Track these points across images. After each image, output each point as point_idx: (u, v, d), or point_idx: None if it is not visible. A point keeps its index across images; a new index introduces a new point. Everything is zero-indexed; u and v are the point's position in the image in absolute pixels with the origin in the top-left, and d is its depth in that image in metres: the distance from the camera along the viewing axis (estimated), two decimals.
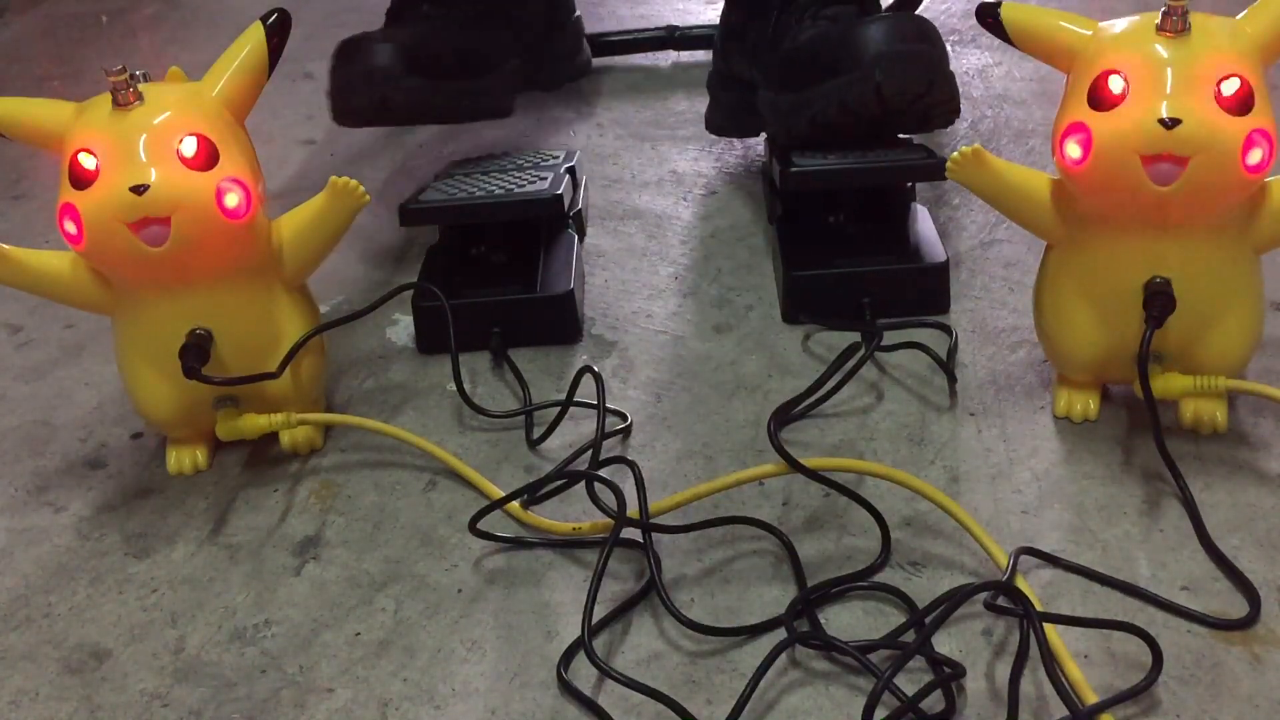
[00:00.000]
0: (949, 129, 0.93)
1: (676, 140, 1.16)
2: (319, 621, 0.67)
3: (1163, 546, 0.67)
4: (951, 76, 0.87)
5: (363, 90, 0.94)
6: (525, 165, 0.97)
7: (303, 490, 0.77)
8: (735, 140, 1.14)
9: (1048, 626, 0.60)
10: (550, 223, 0.93)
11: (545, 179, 0.91)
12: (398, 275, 0.98)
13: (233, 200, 0.69)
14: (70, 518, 0.76)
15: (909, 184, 0.91)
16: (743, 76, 1.02)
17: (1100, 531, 0.68)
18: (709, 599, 0.66)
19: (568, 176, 0.94)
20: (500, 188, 0.90)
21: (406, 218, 0.88)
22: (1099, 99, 0.66)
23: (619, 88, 1.28)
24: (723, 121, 1.07)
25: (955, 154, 0.71)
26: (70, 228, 0.69)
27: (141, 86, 0.70)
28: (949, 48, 1.20)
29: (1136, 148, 0.65)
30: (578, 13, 1.12)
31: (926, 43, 0.86)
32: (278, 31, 0.74)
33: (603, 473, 0.71)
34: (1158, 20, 0.67)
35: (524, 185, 0.90)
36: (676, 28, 1.32)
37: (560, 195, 0.88)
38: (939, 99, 0.86)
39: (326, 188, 0.75)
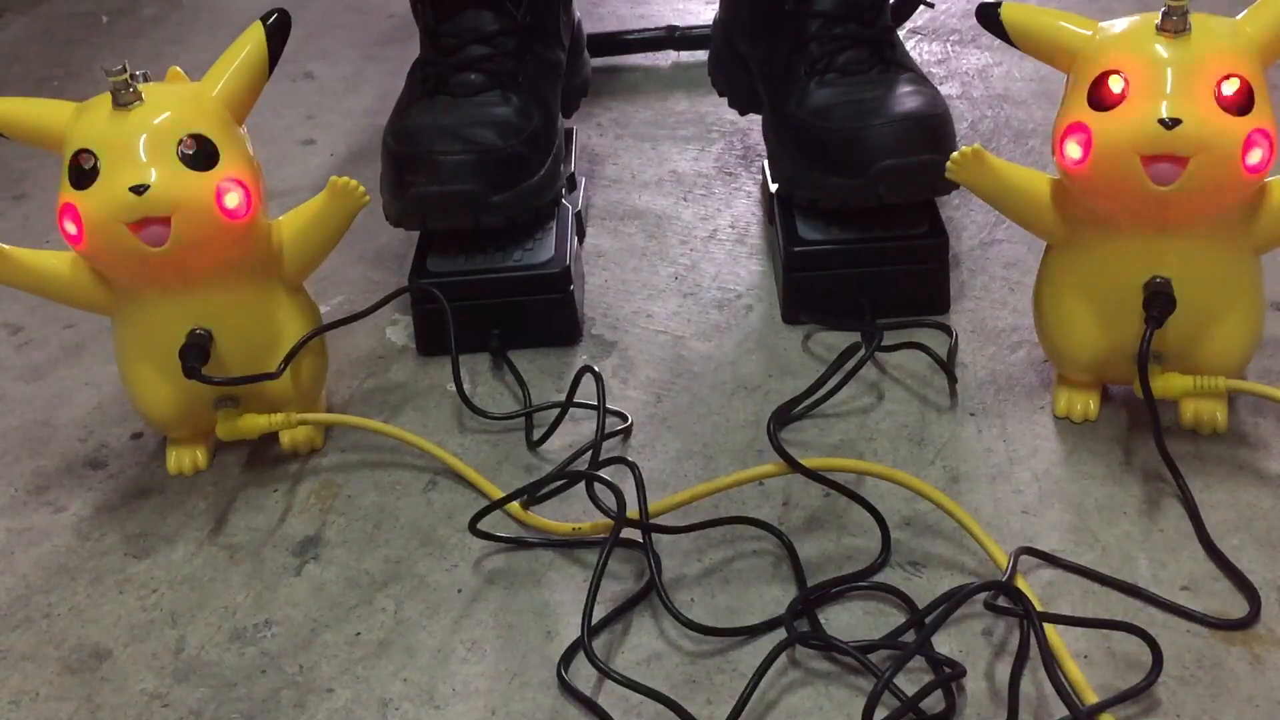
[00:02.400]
0: None
1: (676, 140, 1.16)
2: (319, 621, 0.67)
3: (1163, 546, 0.67)
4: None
5: (455, 213, 0.86)
6: None
7: (303, 490, 0.77)
8: (735, 140, 1.14)
9: (1048, 626, 0.60)
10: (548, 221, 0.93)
11: (549, 231, 0.90)
12: (398, 275, 0.98)
13: (233, 200, 0.69)
14: (70, 518, 0.76)
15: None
16: (741, 53, 1.01)
17: (1100, 531, 0.68)
18: (709, 599, 0.66)
19: (573, 222, 0.93)
20: (507, 253, 0.88)
21: (417, 292, 0.87)
22: (1099, 99, 0.66)
23: (619, 88, 1.27)
24: (722, 85, 1.07)
25: (955, 154, 0.71)
26: (70, 228, 0.69)
27: (141, 86, 0.70)
28: (949, 48, 1.20)
29: (1136, 148, 0.65)
30: (579, 29, 1.11)
31: (933, 150, 0.83)
32: (278, 31, 0.74)
33: (603, 473, 0.71)
34: (1158, 20, 0.66)
35: (529, 248, 0.89)
36: (676, 28, 1.32)
37: (569, 268, 0.87)
38: (942, 193, 0.86)
39: (326, 188, 0.75)
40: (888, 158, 0.83)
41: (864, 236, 0.86)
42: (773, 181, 0.94)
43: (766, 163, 0.98)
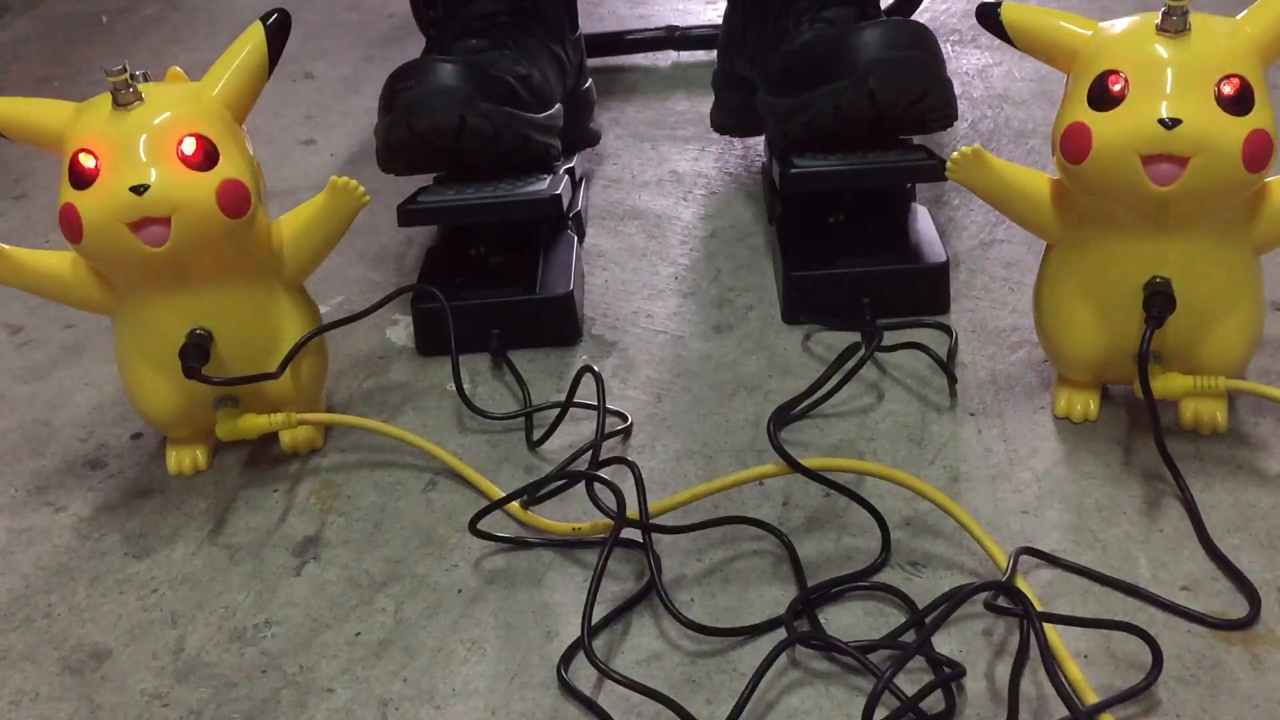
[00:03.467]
0: (949, 129, 0.93)
1: (676, 140, 1.16)
2: (319, 621, 0.67)
3: (1163, 546, 0.67)
4: (947, 82, 0.87)
5: (440, 110, 0.85)
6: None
7: (303, 490, 0.77)
8: (735, 140, 1.14)
9: (1048, 626, 0.60)
10: (549, 223, 0.93)
11: (544, 179, 0.91)
12: (398, 275, 0.98)
13: (232, 200, 0.69)
14: (70, 518, 0.76)
15: (909, 184, 0.91)
16: (744, 76, 1.02)
17: (1100, 531, 0.68)
18: (709, 599, 0.66)
19: (567, 177, 0.93)
20: (499, 188, 0.89)
21: (405, 218, 0.88)
22: (1099, 99, 0.66)
23: (619, 88, 1.28)
24: (726, 120, 1.08)
25: (955, 154, 0.71)
26: (70, 228, 0.69)
27: (141, 86, 0.70)
28: (949, 48, 1.20)
29: (1136, 148, 0.65)
30: (589, 83, 1.11)
31: (921, 49, 0.86)
32: (278, 31, 0.74)
33: (603, 473, 0.71)
34: (1158, 20, 0.67)
35: (523, 185, 0.89)
36: (676, 28, 1.32)
37: (559, 195, 0.87)
38: (933, 105, 0.86)
39: (326, 188, 0.75)
40: (876, 51, 0.85)
41: (860, 162, 0.86)
42: (769, 153, 0.94)
43: (765, 157, 0.98)
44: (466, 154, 0.89)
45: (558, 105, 0.97)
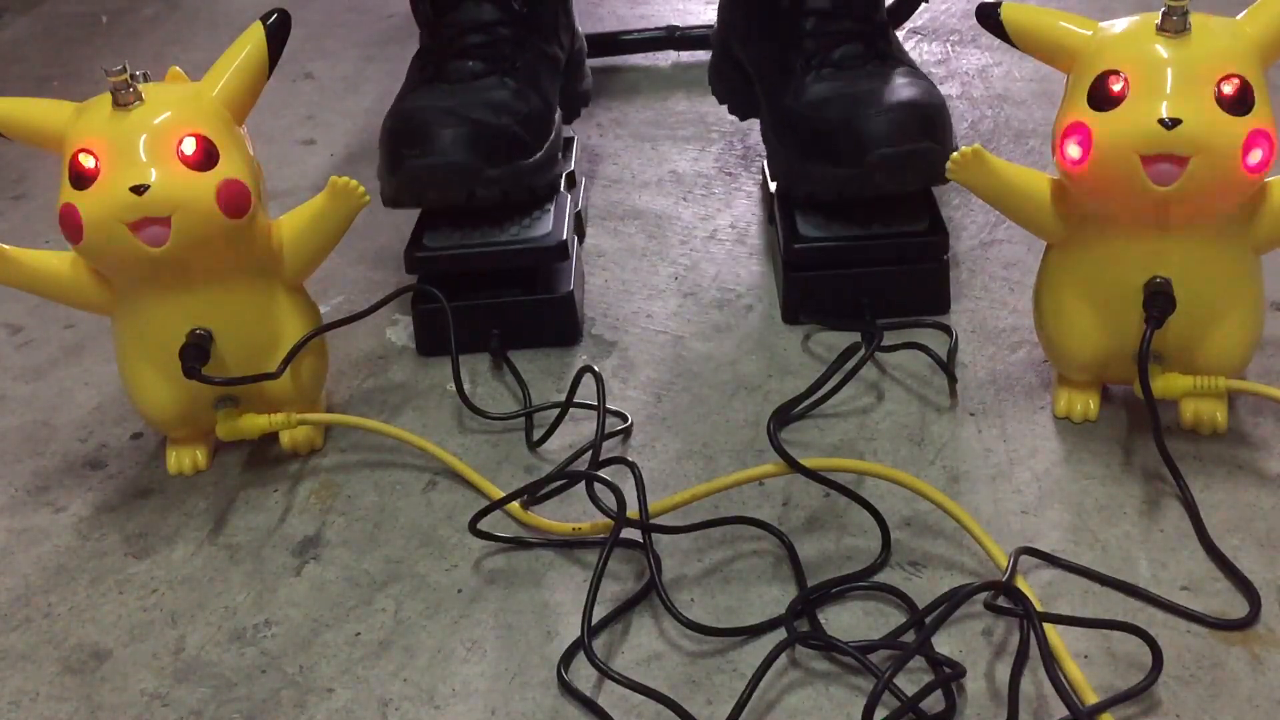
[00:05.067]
0: None
1: (676, 140, 1.16)
2: (319, 621, 0.67)
3: (1163, 546, 0.67)
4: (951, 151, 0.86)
5: (449, 186, 0.86)
6: None
7: (303, 490, 0.77)
8: (735, 140, 1.14)
9: (1048, 626, 0.60)
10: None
11: (548, 215, 0.90)
12: (398, 275, 0.98)
13: (233, 200, 0.69)
14: (70, 518, 0.76)
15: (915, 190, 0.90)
16: (739, 60, 1.01)
17: (1100, 531, 0.68)
18: (709, 599, 0.66)
19: (569, 202, 0.93)
20: (505, 230, 0.88)
21: (412, 265, 0.87)
22: (1099, 99, 0.66)
23: (619, 88, 1.28)
24: (722, 93, 1.07)
25: (955, 154, 0.71)
26: (70, 228, 0.69)
27: (141, 86, 0.70)
28: (948, 48, 1.20)
29: (1136, 148, 0.65)
30: (582, 42, 1.11)
31: (929, 137, 0.83)
32: (278, 32, 0.74)
33: (603, 473, 0.71)
34: (1158, 20, 0.67)
35: (528, 227, 0.89)
36: (676, 28, 1.32)
37: (565, 242, 0.87)
38: (938, 183, 0.86)
39: (326, 188, 0.75)
40: (883, 146, 0.83)
41: (864, 234, 0.86)
42: (771, 179, 0.94)
43: (766, 162, 0.98)
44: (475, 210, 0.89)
45: (556, 126, 0.96)
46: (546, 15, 1.01)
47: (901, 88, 0.87)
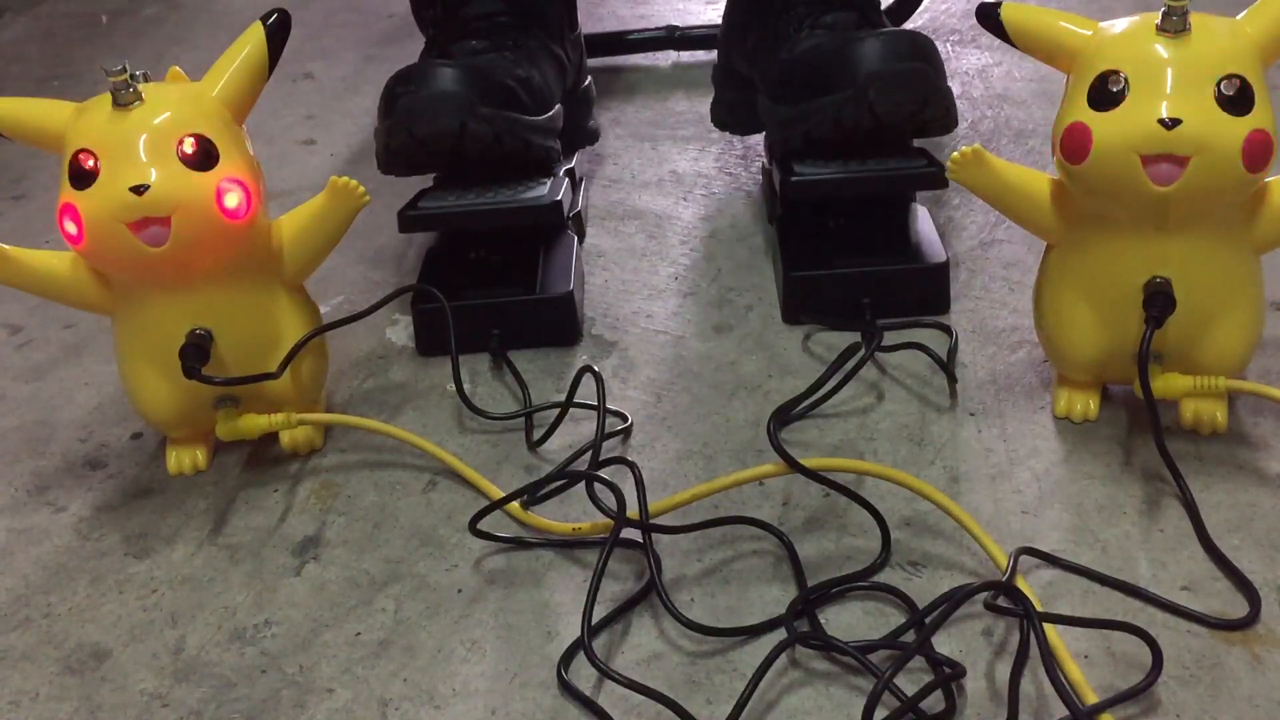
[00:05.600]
0: (949, 132, 0.93)
1: (676, 140, 1.16)
2: (319, 621, 0.67)
3: (1163, 546, 0.67)
4: (947, 91, 0.87)
5: (441, 116, 0.85)
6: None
7: (303, 490, 0.77)
8: (735, 140, 1.14)
9: (1048, 626, 0.60)
10: (549, 224, 0.93)
11: (544, 183, 0.90)
12: (398, 275, 0.98)
13: (233, 200, 0.69)
14: (70, 518, 0.76)
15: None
16: (744, 75, 1.02)
17: (1100, 531, 0.68)
18: (709, 599, 0.66)
19: (566, 180, 0.93)
20: (500, 193, 0.89)
21: (405, 224, 0.88)
22: (1099, 99, 0.66)
23: (619, 88, 1.28)
24: (726, 117, 1.08)
25: (955, 154, 0.71)
26: (70, 228, 0.69)
27: (141, 86, 0.70)
28: (948, 48, 1.20)
29: (1136, 147, 0.65)
30: (589, 80, 1.11)
31: (921, 60, 0.86)
32: (278, 31, 0.74)
33: (603, 473, 0.71)
34: (1158, 20, 0.67)
35: (523, 190, 0.89)
36: (676, 28, 1.32)
37: (559, 201, 0.87)
38: (933, 114, 0.86)
39: (326, 188, 0.75)
40: (875, 63, 0.85)
41: (860, 170, 0.86)
42: (769, 157, 0.94)
43: (765, 158, 0.98)
44: (467, 158, 0.88)
45: (558, 107, 0.97)
46: (551, 14, 1.02)
47: (891, 30, 0.90)
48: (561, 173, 0.93)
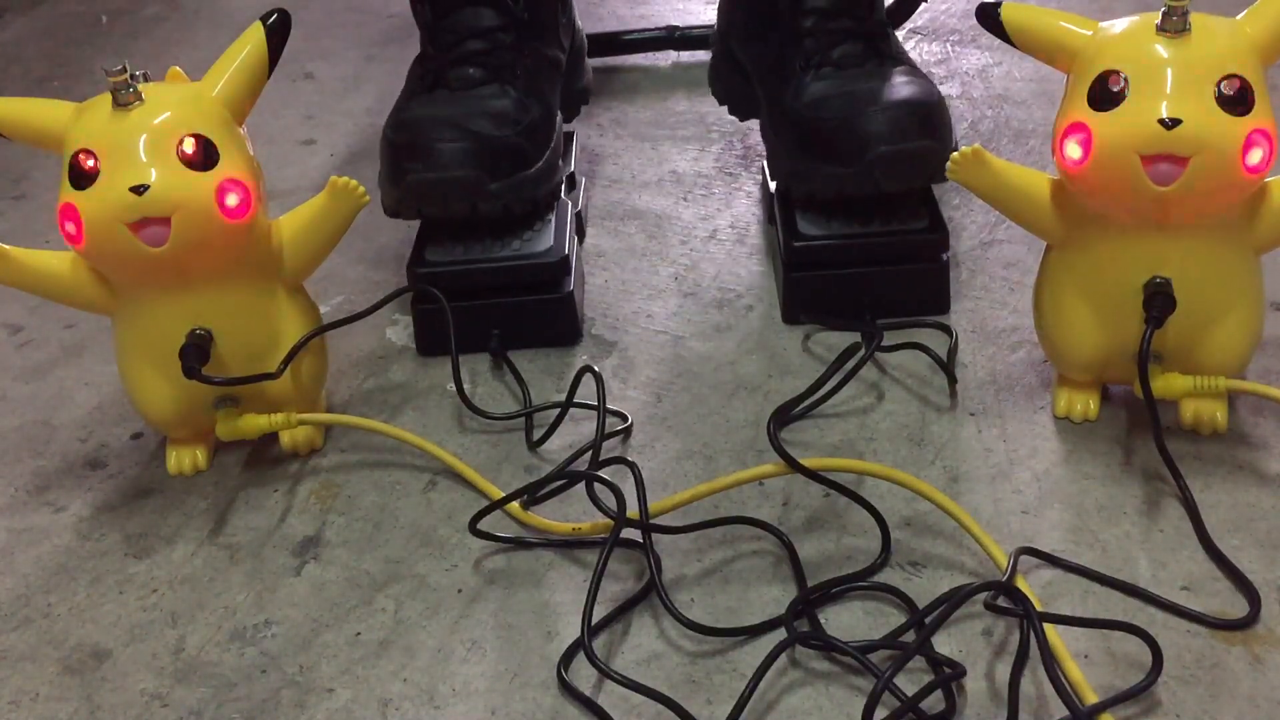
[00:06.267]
0: None
1: (676, 140, 1.16)
2: (319, 621, 0.67)
3: (1163, 546, 0.67)
4: (951, 149, 0.85)
5: (451, 200, 0.85)
6: None
7: (303, 490, 0.77)
8: (735, 140, 1.14)
9: (1048, 626, 0.60)
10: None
11: (549, 226, 0.90)
12: (398, 275, 0.98)
13: (233, 200, 0.69)
14: (70, 518, 0.76)
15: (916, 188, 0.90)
16: (739, 60, 1.01)
17: (1100, 531, 0.68)
18: (709, 599, 0.66)
19: (570, 211, 0.93)
20: (507, 245, 0.88)
21: (415, 280, 0.87)
22: (1099, 99, 0.66)
23: (619, 88, 1.27)
24: (721, 93, 1.07)
25: (955, 154, 0.71)
26: (70, 228, 0.69)
27: (141, 86, 0.70)
28: (948, 48, 1.20)
29: (1136, 148, 0.65)
30: (582, 38, 1.11)
31: (929, 136, 0.83)
32: (278, 32, 0.74)
33: (603, 473, 0.71)
34: (1158, 20, 0.67)
35: (529, 241, 0.88)
36: (676, 28, 1.32)
37: (567, 257, 0.87)
38: (938, 181, 0.86)
39: (326, 188, 0.75)
40: (883, 144, 0.83)
41: (864, 233, 0.86)
42: (772, 179, 0.94)
43: (766, 162, 0.98)
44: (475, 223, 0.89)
45: (557, 131, 0.96)
46: (547, 17, 1.01)
47: (901, 86, 0.87)
48: (568, 214, 0.92)
